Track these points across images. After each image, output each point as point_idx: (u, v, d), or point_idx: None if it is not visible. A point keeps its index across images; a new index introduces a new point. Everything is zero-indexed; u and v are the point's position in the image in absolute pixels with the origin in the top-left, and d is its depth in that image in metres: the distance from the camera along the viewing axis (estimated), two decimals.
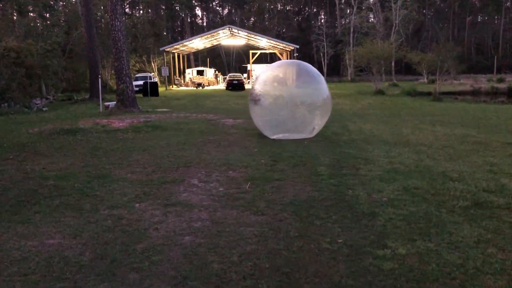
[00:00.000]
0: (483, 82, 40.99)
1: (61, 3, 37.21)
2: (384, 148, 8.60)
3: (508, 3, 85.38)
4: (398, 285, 3.20)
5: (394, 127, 11.95)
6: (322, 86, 10.49)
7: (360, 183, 5.91)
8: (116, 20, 17.63)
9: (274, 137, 10.15)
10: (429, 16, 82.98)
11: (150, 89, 29.39)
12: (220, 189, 5.84)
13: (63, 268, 3.55)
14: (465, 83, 40.98)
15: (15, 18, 30.25)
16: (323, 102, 10.43)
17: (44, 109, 21.40)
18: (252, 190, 5.70)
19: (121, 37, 17.79)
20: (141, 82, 30.54)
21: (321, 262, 3.59)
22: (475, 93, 33.71)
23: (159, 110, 18.78)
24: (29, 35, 27.57)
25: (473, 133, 10.53)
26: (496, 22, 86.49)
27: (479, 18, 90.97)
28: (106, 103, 19.48)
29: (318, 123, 10.38)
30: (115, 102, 18.70)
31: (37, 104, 22.61)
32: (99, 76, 21.61)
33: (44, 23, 34.99)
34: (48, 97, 27.64)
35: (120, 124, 12.79)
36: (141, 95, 29.82)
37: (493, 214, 4.61)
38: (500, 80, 41.64)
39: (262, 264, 3.57)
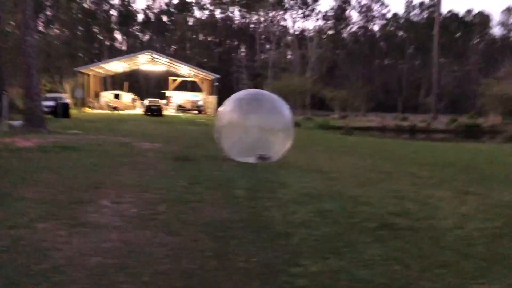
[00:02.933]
0: (390, 119, 44.27)
1: None
2: (299, 174, 8.85)
3: (411, 50, 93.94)
4: None
5: (308, 156, 12.38)
6: (284, 112, 11.07)
7: (276, 206, 6.00)
8: (28, 35, 16.67)
9: (239, 159, 10.32)
10: (342, 56, 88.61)
11: (62, 110, 27.90)
12: (133, 210, 5.60)
13: None
14: (373, 119, 43.98)
15: None
16: (284, 126, 10.96)
17: None
18: (168, 211, 5.54)
19: (32, 53, 16.82)
20: (51, 103, 28.85)
21: (235, 281, 3.54)
22: (382, 129, 36.26)
23: (70, 131, 17.81)
24: None
25: (380, 163, 11.23)
26: (400, 66, 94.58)
27: (386, 61, 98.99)
28: (11, 122, 18.11)
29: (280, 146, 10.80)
30: (21, 122, 17.45)
31: None
32: (3, 93, 20.08)
33: None
34: None
35: (26, 143, 11.92)
36: (51, 117, 28.21)
37: (399, 235, 4.88)
38: (404, 119, 45.25)
39: (175, 283, 3.44)
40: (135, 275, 3.56)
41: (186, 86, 56.43)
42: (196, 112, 45.70)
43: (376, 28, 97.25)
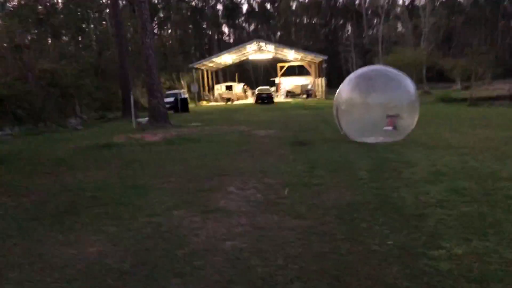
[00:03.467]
0: None
1: (92, 25, 38.40)
2: (425, 152, 8.27)
3: None
4: (458, 286, 2.96)
5: (432, 131, 11.55)
6: (408, 89, 10.36)
7: (404, 186, 5.66)
8: (146, 37, 17.95)
9: (364, 140, 10.08)
10: (459, 23, 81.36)
11: (181, 105, 29.74)
12: (258, 195, 5.69)
13: (104, 275, 3.47)
14: (501, 88, 39.65)
15: (49, 41, 31.35)
16: (409, 103, 10.28)
17: (78, 127, 21.88)
18: (291, 196, 5.53)
19: (152, 54, 18.07)
20: (171, 99, 30.95)
21: (371, 264, 3.38)
22: None
23: (190, 124, 18.88)
24: (63, 57, 28.46)
25: None
26: None
27: None
28: (138, 120, 19.75)
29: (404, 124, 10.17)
30: (147, 119, 18.93)
31: (71, 123, 23.18)
32: (131, 93, 21.97)
33: (77, 45, 36.13)
34: (82, 116, 28.34)
35: (153, 138, 12.88)
36: (172, 112, 30.27)
37: None
38: None
39: (309, 267, 3.39)
40: (268, 259, 3.59)
41: (294, 71, 56.40)
42: (306, 96, 45.52)
43: None
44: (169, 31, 79.25)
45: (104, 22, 44.15)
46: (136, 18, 18.86)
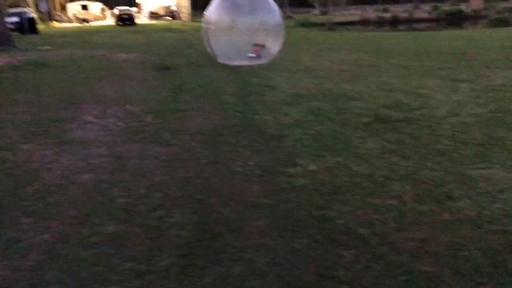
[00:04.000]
0: (371, 12, 42.93)
1: None
2: (285, 75, 8.59)
3: None
4: (312, 199, 3.20)
5: (293, 56, 12.01)
6: (274, 12, 10.65)
7: (266, 108, 5.84)
8: None
9: (230, 63, 10.07)
10: None
11: (28, 26, 26.28)
12: (119, 124, 5.39)
13: None
14: (355, 13, 42.59)
15: None
16: (275, 26, 10.54)
17: None
18: (155, 123, 5.35)
19: None
20: (15, 19, 27.08)
21: (234, 185, 3.47)
22: (364, 22, 35.27)
23: (40, 48, 16.89)
24: None
25: (366, 57, 10.97)
26: None
27: None
28: None
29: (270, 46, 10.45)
30: None
31: None
32: None
33: None
34: None
35: None
36: (17, 33, 26.65)
37: (394, 127, 4.82)
38: (386, 10, 43.93)
39: (172, 193, 3.35)
40: (130, 188, 3.46)
41: None
42: (170, 18, 43.65)
43: None
44: None
45: None
46: None
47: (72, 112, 6.03)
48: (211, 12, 10.67)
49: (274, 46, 10.56)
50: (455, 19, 37.61)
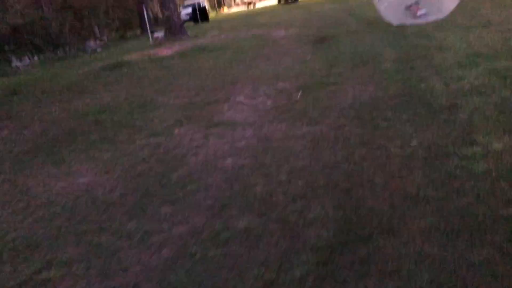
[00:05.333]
0: None
1: None
2: (460, 33, 7.26)
3: None
4: (496, 191, 2.39)
5: (470, 9, 10.25)
6: None
7: (435, 73, 4.90)
8: None
9: (398, 24, 9.27)
10: None
11: (200, 15, 28.38)
12: (268, 103, 5.11)
13: (89, 209, 3.11)
14: None
15: None
16: None
17: (98, 50, 21.35)
18: (304, 99, 4.93)
19: None
20: (190, 9, 29.52)
21: (390, 172, 2.83)
22: None
23: (208, 33, 17.95)
24: None
25: None
26: None
27: None
28: (155, 35, 18.93)
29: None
30: (163, 32, 18.12)
31: (90, 46, 22.64)
32: (143, 7, 20.91)
33: None
34: (102, 38, 27.67)
35: (167, 52, 12.21)
36: (192, 22, 29.05)
37: None
38: None
39: (316, 181, 2.89)
40: (270, 175, 3.11)
41: None
42: None
43: None
44: None
45: None
46: None
47: (226, 93, 5.99)
48: None
49: (450, 2, 9.15)
50: None
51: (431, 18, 9.05)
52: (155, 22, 27.67)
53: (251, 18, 23.85)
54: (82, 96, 7.67)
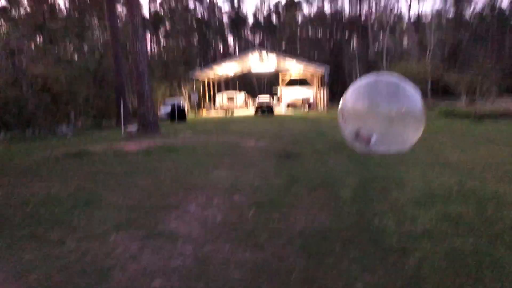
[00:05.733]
0: None
1: (93, 31, 37.89)
2: (420, 169, 7.43)
3: None
4: None
5: (432, 147, 10.70)
6: (415, 99, 10.09)
7: (390, 210, 4.82)
8: (138, 42, 17.27)
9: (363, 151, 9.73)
10: (465, 39, 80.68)
11: (178, 114, 29.03)
12: (218, 216, 4.87)
13: None
14: (506, 104, 38.67)
15: (45, 46, 30.75)
16: (415, 114, 10.02)
17: (69, 135, 21.18)
18: (256, 218, 4.71)
19: (143, 60, 17.39)
20: (169, 108, 30.30)
21: None
22: None
23: (181, 134, 18.14)
24: (60, 62, 27.89)
25: None
26: None
27: None
28: (129, 129, 19.02)
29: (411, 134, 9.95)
30: (136, 127, 18.22)
31: (62, 130, 22.49)
32: (121, 100, 21.28)
33: (78, 52, 35.65)
34: (77, 123, 27.68)
35: (134, 147, 12.08)
36: (169, 120, 29.60)
37: None
38: None
39: None
40: None
41: (297, 82, 55.68)
42: (307, 108, 44.75)
43: (505, 4, 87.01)
44: (174, 40, 79.17)
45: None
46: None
47: (178, 199, 5.74)
48: (347, 99, 10.37)
49: (412, 135, 9.72)
50: None
51: (393, 149, 9.42)
52: (133, 116, 28.02)
53: (226, 124, 24.46)
54: (33, 182, 7.28)
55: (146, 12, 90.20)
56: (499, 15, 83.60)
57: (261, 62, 47.86)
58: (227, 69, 48.58)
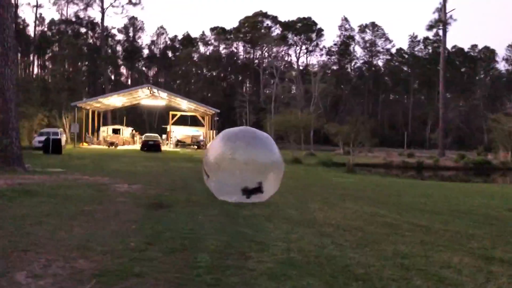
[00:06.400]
0: (395, 156, 42.73)
1: None
2: (286, 228, 7.41)
3: (416, 85, 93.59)
4: None
5: (302, 201, 10.96)
6: (271, 148, 10.29)
7: (244, 283, 4.55)
8: (7, 67, 15.69)
9: (230, 200, 9.76)
10: (346, 91, 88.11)
11: (52, 146, 26.81)
12: None
13: None
14: (378, 156, 42.46)
15: None
16: (273, 163, 10.11)
17: None
18: None
19: (11, 86, 15.79)
20: (42, 138, 27.89)
21: None
22: (388, 166, 34.74)
23: (50, 170, 16.58)
24: None
25: (384, 212, 9.75)
26: (405, 101, 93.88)
27: (391, 96, 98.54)
28: None
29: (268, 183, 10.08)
30: None
31: None
32: None
33: None
34: None
35: None
36: (41, 152, 27.17)
37: None
38: (410, 155, 43.72)
39: None
40: None
41: (187, 121, 55.49)
42: (196, 147, 44.53)
43: (380, 63, 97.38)
44: (60, 65, 74.65)
45: None
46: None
47: (9, 263, 4.90)
48: (212, 145, 10.50)
49: (270, 186, 10.04)
50: (483, 170, 36.68)
51: (254, 198, 9.77)
52: None
53: (105, 161, 23.10)
54: None
55: (31, 31, 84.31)
56: (374, 72, 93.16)
57: (152, 98, 46.96)
58: (114, 101, 46.75)
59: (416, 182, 21.05)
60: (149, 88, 43.94)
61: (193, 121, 56.05)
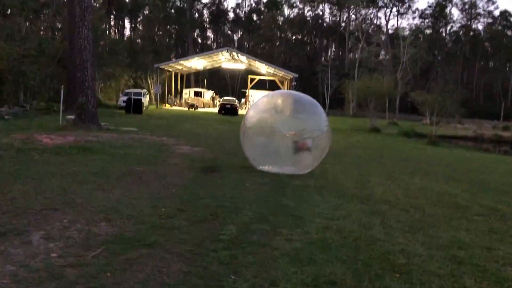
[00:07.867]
0: (488, 128, 39.10)
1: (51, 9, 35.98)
2: (335, 203, 6.75)
3: None
4: None
5: (364, 174, 10.10)
6: (320, 118, 9.48)
7: (260, 264, 4.05)
8: (84, 27, 16.17)
9: (261, 168, 9.32)
10: (439, 58, 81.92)
11: (133, 106, 27.85)
12: (53, 254, 4.00)
13: None
14: (469, 128, 39.11)
15: None
16: (319, 135, 9.36)
17: (6, 117, 19.82)
18: (96, 262, 3.87)
19: (88, 46, 16.30)
20: (124, 98, 29.07)
21: None
22: (477, 139, 31.82)
23: (124, 129, 17.11)
24: (11, 38, 26.18)
25: (455, 191, 8.64)
26: (507, 69, 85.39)
27: (490, 64, 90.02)
28: (69, 117, 17.86)
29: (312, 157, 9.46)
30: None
31: (1, 112, 21.05)
32: (62, 86, 20.01)
33: (31, 28, 33.81)
34: (24, 105, 26.10)
35: (53, 141, 11.06)
36: (124, 112, 28.39)
37: None
38: (506, 128, 39.78)
39: None
40: None
41: (265, 85, 55.02)
42: None
43: (480, 27, 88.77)
44: (148, 27, 77.26)
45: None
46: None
47: (31, 221, 4.86)
48: (251, 114, 9.86)
49: (314, 156, 9.31)
50: None
51: (290, 170, 9.15)
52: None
53: (179, 123, 23.50)
54: None
55: None
56: (472, 37, 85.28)
57: (233, 61, 47.01)
58: (195, 63, 47.47)
59: (506, 158, 18.89)
60: (229, 51, 43.90)
61: (271, 86, 55.56)
